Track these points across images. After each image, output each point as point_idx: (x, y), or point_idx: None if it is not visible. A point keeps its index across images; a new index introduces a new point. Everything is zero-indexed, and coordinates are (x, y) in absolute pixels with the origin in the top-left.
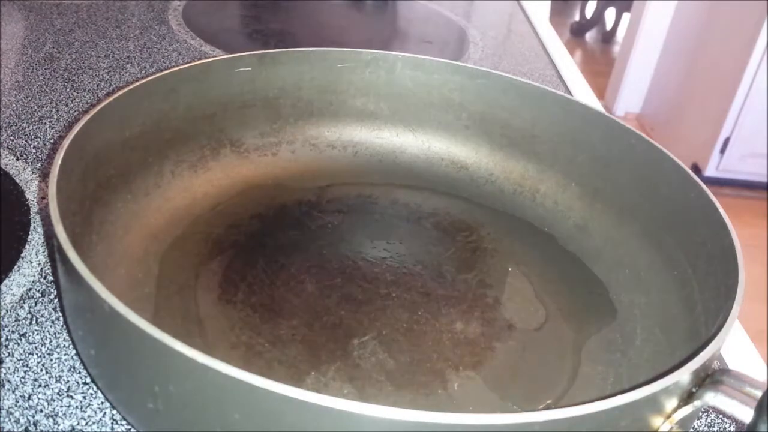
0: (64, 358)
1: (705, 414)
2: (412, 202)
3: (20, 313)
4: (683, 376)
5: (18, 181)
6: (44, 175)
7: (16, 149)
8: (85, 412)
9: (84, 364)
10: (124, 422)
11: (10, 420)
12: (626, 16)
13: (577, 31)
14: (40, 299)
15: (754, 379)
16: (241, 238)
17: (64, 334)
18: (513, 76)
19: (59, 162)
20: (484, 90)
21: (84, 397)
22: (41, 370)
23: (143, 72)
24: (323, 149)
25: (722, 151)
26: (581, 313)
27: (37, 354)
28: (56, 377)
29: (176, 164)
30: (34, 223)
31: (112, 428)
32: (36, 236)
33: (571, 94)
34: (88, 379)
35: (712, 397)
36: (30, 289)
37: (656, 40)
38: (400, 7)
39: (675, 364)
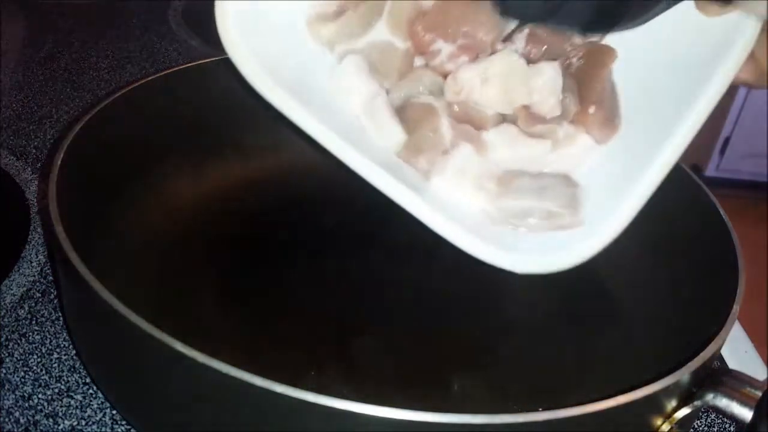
0: (64, 358)
1: (705, 414)
2: None
3: (20, 313)
4: (683, 376)
5: (18, 181)
6: (44, 175)
7: (16, 149)
8: (85, 412)
9: (84, 364)
10: (124, 422)
11: (10, 420)
12: None
13: None
14: (40, 299)
15: (754, 379)
16: (242, 238)
17: (64, 334)
18: None
19: (59, 162)
20: None
21: (84, 397)
22: (41, 370)
23: (143, 72)
24: (323, 149)
25: (722, 151)
26: (581, 312)
27: (37, 354)
28: (56, 377)
29: (176, 164)
30: (34, 223)
31: (112, 428)
32: (36, 236)
33: None
34: (88, 379)
35: (712, 398)
36: (30, 289)
37: None
38: None
39: (675, 364)
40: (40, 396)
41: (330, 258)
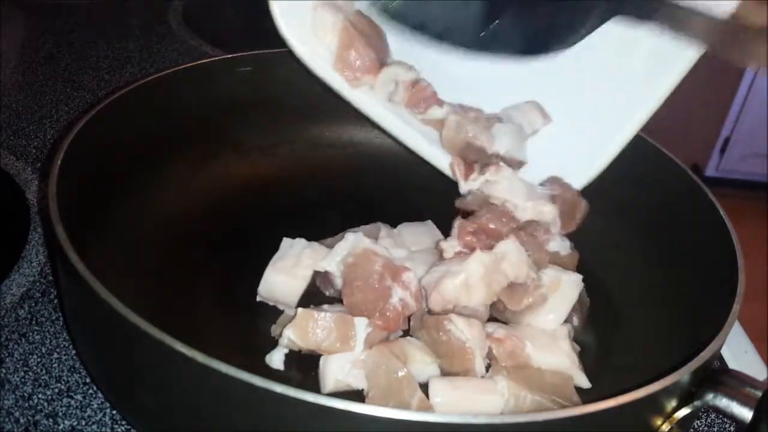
0: (64, 358)
1: (705, 414)
2: (413, 200)
3: (20, 313)
4: (683, 376)
5: (18, 181)
6: (44, 175)
7: (16, 149)
8: (85, 412)
9: (84, 364)
10: (124, 422)
11: (10, 420)
12: None
13: None
14: (40, 299)
15: (754, 380)
16: (241, 238)
17: (64, 334)
18: None
19: (59, 162)
20: None
21: (84, 397)
22: (41, 370)
23: (143, 72)
24: (323, 149)
25: (722, 151)
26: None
27: (37, 354)
28: (56, 377)
29: (176, 164)
30: (34, 223)
31: (112, 428)
32: (36, 236)
33: None
34: (88, 379)
35: (712, 398)
36: (30, 289)
37: None
38: None
39: (675, 364)
40: (40, 396)
41: None
